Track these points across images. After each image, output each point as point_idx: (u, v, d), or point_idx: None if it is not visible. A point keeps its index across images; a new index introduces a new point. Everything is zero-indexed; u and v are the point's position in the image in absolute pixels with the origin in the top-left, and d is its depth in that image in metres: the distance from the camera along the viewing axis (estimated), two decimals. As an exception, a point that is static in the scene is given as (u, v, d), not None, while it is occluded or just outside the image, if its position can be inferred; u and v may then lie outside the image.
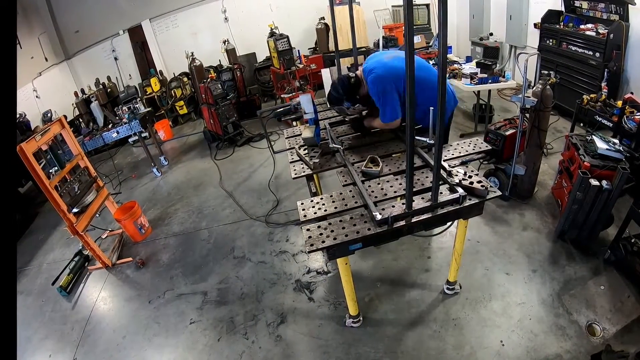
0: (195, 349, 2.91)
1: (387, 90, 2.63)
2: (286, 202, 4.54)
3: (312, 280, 3.32)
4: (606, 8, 4.75)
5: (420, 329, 2.71)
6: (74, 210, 3.72)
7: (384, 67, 2.67)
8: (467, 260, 3.14)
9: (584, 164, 2.98)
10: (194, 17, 8.67)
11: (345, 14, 3.64)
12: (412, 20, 1.56)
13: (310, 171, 2.69)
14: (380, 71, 2.65)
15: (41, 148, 3.59)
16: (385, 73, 2.63)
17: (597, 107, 3.87)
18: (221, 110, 6.25)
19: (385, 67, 2.66)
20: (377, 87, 2.65)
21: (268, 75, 8.34)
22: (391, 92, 2.63)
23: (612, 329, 2.49)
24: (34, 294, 3.87)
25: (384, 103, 2.69)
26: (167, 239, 4.34)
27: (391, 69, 2.62)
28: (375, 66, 2.70)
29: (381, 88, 2.64)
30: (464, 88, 5.05)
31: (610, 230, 3.15)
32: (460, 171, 2.31)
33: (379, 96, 2.68)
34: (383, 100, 2.68)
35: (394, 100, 2.65)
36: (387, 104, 2.68)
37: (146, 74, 8.47)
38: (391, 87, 2.61)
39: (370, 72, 2.70)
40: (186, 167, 6.19)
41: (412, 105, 1.71)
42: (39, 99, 7.44)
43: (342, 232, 2.06)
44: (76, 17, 8.24)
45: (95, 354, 3.06)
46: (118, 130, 5.69)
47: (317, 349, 2.72)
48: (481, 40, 7.01)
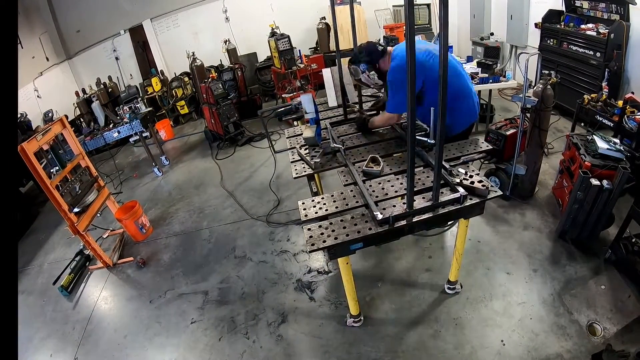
0: (196, 349, 2.91)
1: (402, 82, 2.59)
2: (287, 202, 4.54)
3: (313, 280, 3.32)
4: (607, 8, 4.74)
5: (421, 328, 2.71)
6: (75, 210, 3.72)
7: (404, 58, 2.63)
8: (468, 260, 3.14)
9: (585, 164, 2.98)
10: (195, 17, 8.68)
11: (346, 13, 3.64)
12: (413, 20, 1.57)
13: (311, 171, 2.69)
14: (400, 61, 2.62)
15: (42, 148, 3.60)
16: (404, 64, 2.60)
17: (598, 107, 3.87)
18: (222, 110, 6.26)
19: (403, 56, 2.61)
20: (395, 75, 2.64)
21: (269, 75, 8.35)
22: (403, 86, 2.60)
23: (613, 329, 2.49)
24: (35, 294, 3.88)
25: (394, 93, 2.70)
26: (168, 239, 4.35)
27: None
28: (399, 54, 2.67)
29: (397, 77, 2.61)
30: (464, 88, 5.04)
31: (611, 230, 3.15)
32: (461, 171, 2.31)
33: (392, 84, 2.68)
34: (394, 90, 2.69)
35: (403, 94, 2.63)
36: (396, 95, 2.69)
37: (147, 74, 8.49)
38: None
39: (394, 58, 2.69)
40: (187, 167, 6.20)
41: (412, 105, 1.71)
42: (40, 99, 7.46)
43: (343, 231, 2.06)
44: (77, 16, 8.25)
45: (96, 353, 3.07)
46: (119, 130, 5.70)
47: (318, 349, 2.72)
48: (482, 40, 7.00)
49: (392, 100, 2.75)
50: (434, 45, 2.85)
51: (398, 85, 2.64)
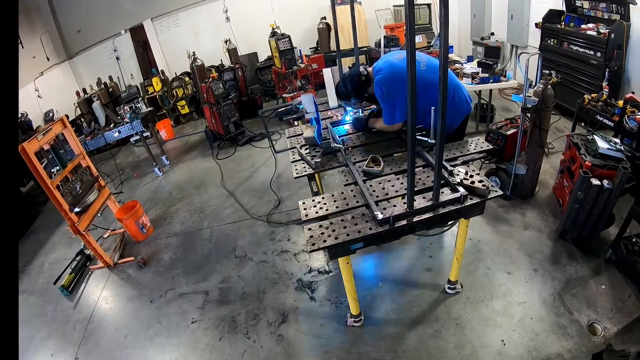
0: (196, 349, 2.91)
1: (391, 92, 2.61)
2: (288, 202, 4.54)
3: (313, 280, 3.32)
4: (607, 8, 4.74)
5: (421, 328, 2.71)
6: (76, 210, 3.72)
7: (391, 68, 2.64)
8: (468, 260, 3.15)
9: (585, 164, 2.98)
10: (196, 17, 8.68)
11: (347, 13, 3.63)
12: (414, 20, 1.57)
13: (311, 170, 2.69)
14: (386, 72, 2.63)
15: (43, 147, 3.60)
16: (390, 75, 2.61)
17: (598, 107, 3.86)
18: (223, 109, 6.26)
19: (392, 68, 2.63)
20: (382, 88, 2.64)
21: (269, 75, 8.34)
22: (394, 95, 2.60)
23: (613, 329, 2.49)
24: (35, 294, 3.88)
25: (386, 105, 2.69)
26: (169, 239, 4.35)
27: (398, 70, 2.57)
28: (382, 67, 2.69)
29: (385, 90, 2.62)
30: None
31: (611, 230, 3.15)
32: (461, 170, 2.31)
33: (382, 98, 2.67)
34: (386, 103, 2.68)
35: (396, 103, 2.63)
36: (388, 107, 2.68)
37: (148, 74, 8.50)
38: (395, 89, 2.57)
39: (377, 73, 2.69)
40: (188, 167, 6.20)
41: (413, 105, 1.71)
42: (41, 99, 7.45)
43: (344, 231, 2.06)
44: (78, 16, 8.25)
45: (97, 353, 3.07)
46: (120, 130, 5.70)
47: (318, 348, 2.72)
48: (482, 40, 7.00)
49: (386, 112, 2.72)
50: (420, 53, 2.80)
51: (387, 98, 2.64)
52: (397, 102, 2.61)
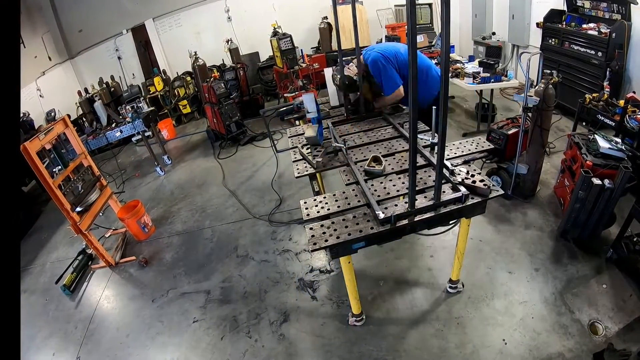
0: (198, 348, 2.92)
1: (384, 65, 3.11)
2: (289, 201, 4.55)
3: (315, 279, 3.33)
4: (608, 7, 4.74)
5: (422, 327, 2.71)
6: (78, 209, 3.73)
7: (378, 49, 3.24)
8: (469, 259, 3.14)
9: (586, 163, 2.97)
10: (197, 17, 8.69)
11: (348, 13, 3.63)
12: (415, 20, 1.57)
13: (313, 170, 2.70)
14: (374, 54, 3.17)
15: (45, 147, 3.61)
16: (379, 53, 3.15)
17: (600, 107, 3.86)
18: (224, 109, 6.26)
19: (379, 48, 3.23)
20: (376, 65, 3.14)
21: (271, 75, 8.36)
22: (387, 67, 3.12)
23: (615, 328, 2.49)
24: (37, 293, 3.90)
25: (383, 78, 3.15)
26: (171, 238, 4.36)
27: (385, 50, 3.18)
28: (370, 52, 3.23)
29: (379, 65, 3.12)
30: (466, 87, 5.05)
31: (612, 229, 3.15)
32: (462, 170, 2.31)
33: (378, 73, 3.15)
34: (382, 76, 3.14)
35: (391, 73, 3.12)
36: (386, 78, 3.14)
37: (149, 73, 8.52)
38: (387, 62, 3.11)
39: (367, 58, 3.21)
40: (189, 166, 6.21)
41: (414, 105, 1.71)
42: (43, 98, 7.47)
43: (345, 230, 2.06)
44: (80, 16, 8.27)
45: (98, 352, 3.08)
46: (121, 130, 5.72)
47: (320, 348, 2.72)
48: (484, 40, 6.99)
49: (387, 82, 3.16)
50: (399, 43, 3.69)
51: (381, 72, 3.14)
52: (392, 70, 3.13)
